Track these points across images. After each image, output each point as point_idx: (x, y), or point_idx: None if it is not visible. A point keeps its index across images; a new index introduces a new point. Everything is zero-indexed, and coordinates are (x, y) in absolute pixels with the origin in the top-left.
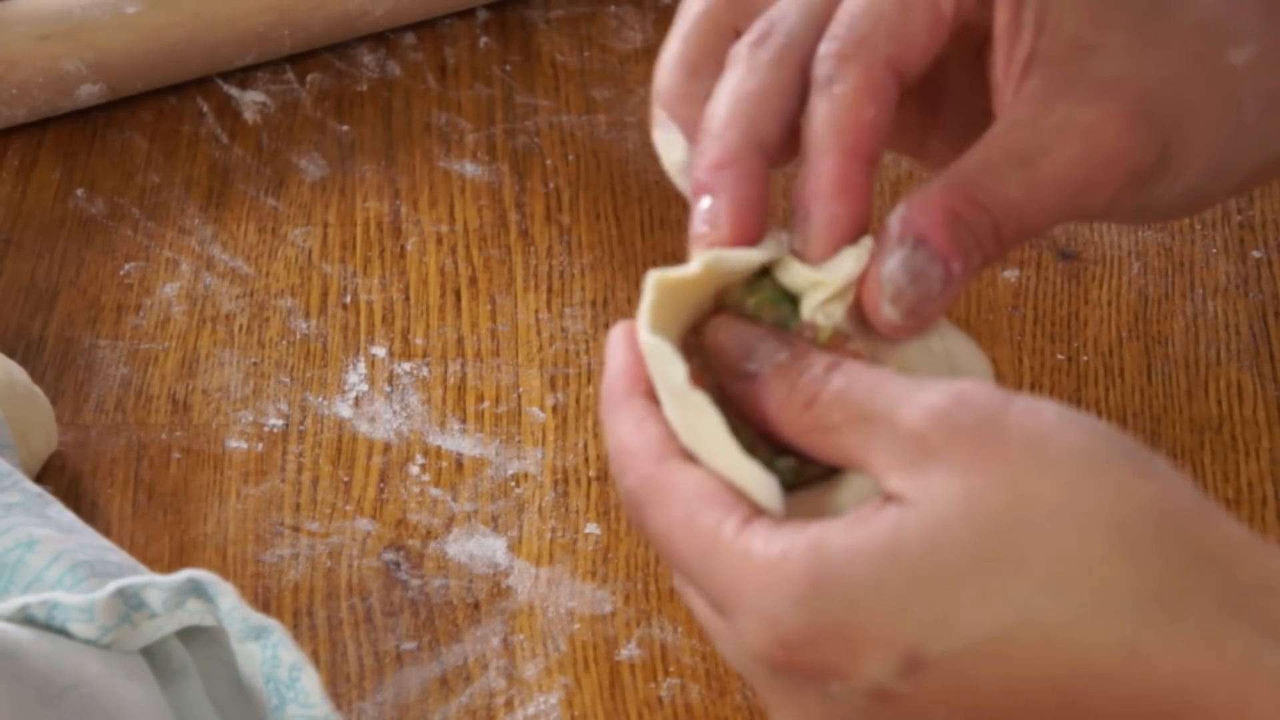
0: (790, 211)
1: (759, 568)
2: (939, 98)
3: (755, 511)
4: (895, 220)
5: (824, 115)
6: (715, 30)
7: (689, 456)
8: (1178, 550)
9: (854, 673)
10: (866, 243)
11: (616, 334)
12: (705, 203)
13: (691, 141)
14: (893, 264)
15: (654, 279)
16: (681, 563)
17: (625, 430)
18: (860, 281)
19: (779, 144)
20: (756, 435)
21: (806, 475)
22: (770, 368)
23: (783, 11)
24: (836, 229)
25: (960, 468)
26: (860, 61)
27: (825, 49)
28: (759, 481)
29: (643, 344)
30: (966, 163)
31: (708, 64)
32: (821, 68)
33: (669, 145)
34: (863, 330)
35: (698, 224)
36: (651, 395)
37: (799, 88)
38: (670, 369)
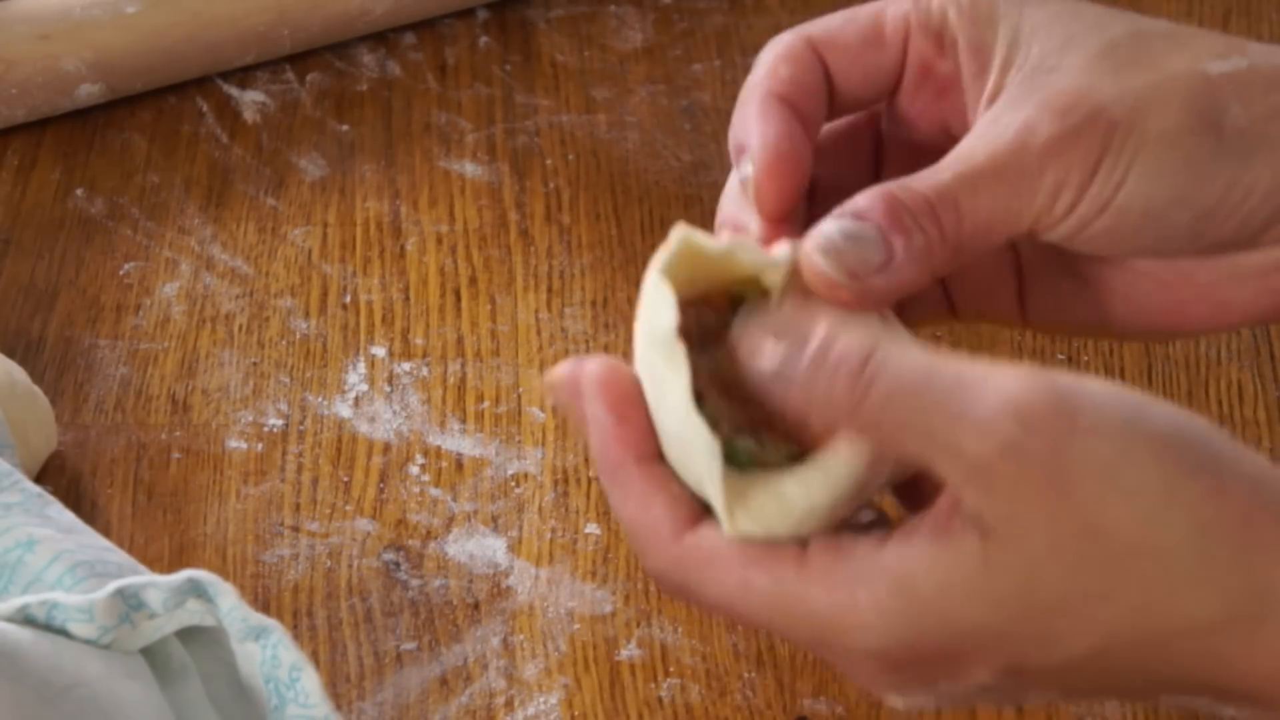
0: (733, 160)
1: (848, 608)
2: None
3: (798, 553)
4: (836, 209)
5: (748, 82)
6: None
7: (699, 520)
8: (1255, 571)
9: (960, 679)
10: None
11: (591, 384)
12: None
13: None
14: (827, 224)
15: (683, 234)
16: (755, 620)
17: (631, 509)
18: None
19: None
20: (722, 411)
21: (762, 459)
22: (800, 370)
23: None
24: (772, 150)
25: (1037, 507)
26: (780, 40)
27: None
28: (704, 441)
29: (650, 280)
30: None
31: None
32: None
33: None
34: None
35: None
36: (643, 458)
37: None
38: (662, 314)
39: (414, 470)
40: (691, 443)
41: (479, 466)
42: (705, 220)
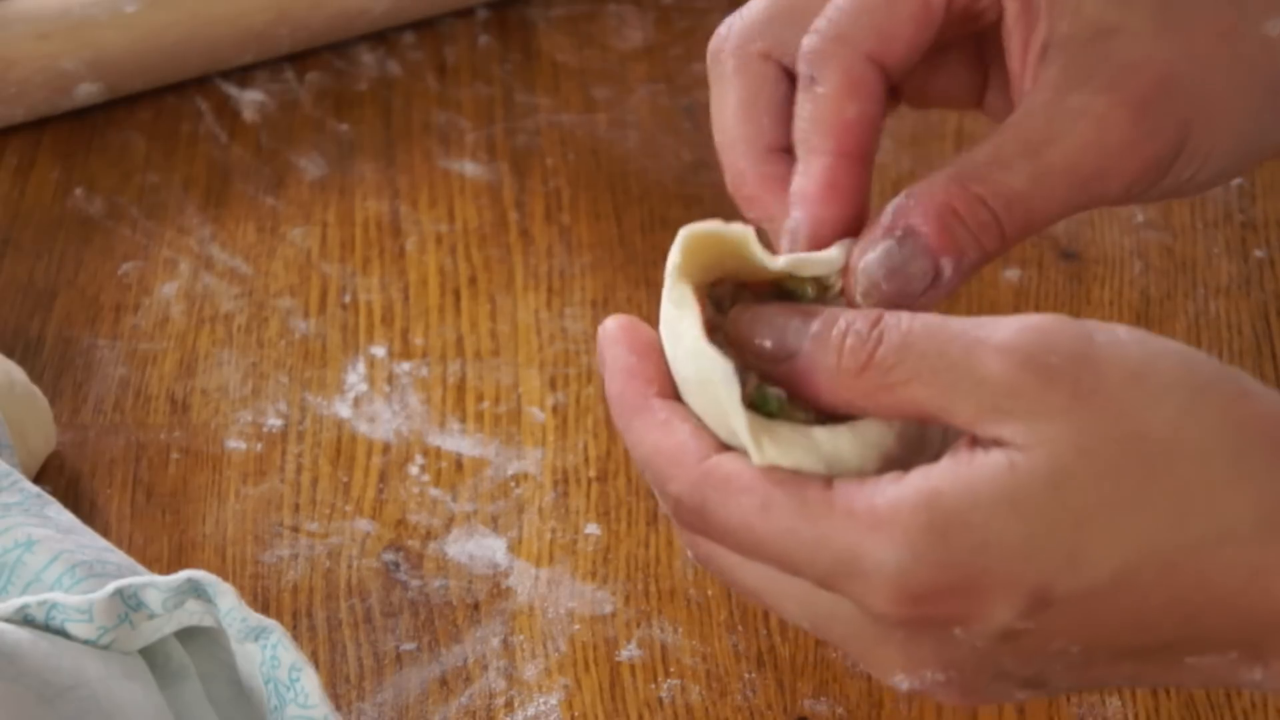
0: (790, 203)
1: (871, 523)
2: (983, 58)
3: (823, 479)
4: (889, 210)
5: (808, 116)
6: (759, 84)
7: (720, 449)
8: None
9: (980, 617)
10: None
11: (612, 331)
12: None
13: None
14: (872, 257)
15: (690, 331)
16: (771, 548)
17: (654, 437)
18: (843, 271)
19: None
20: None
21: (792, 415)
22: (808, 340)
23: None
24: (823, 230)
25: (1065, 412)
26: (839, 59)
27: (806, 44)
28: (720, 368)
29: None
30: (976, 154)
31: (776, 133)
32: (801, 66)
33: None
34: None
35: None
36: (667, 393)
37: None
38: (670, 258)
39: (414, 470)
40: (709, 375)
41: (479, 467)
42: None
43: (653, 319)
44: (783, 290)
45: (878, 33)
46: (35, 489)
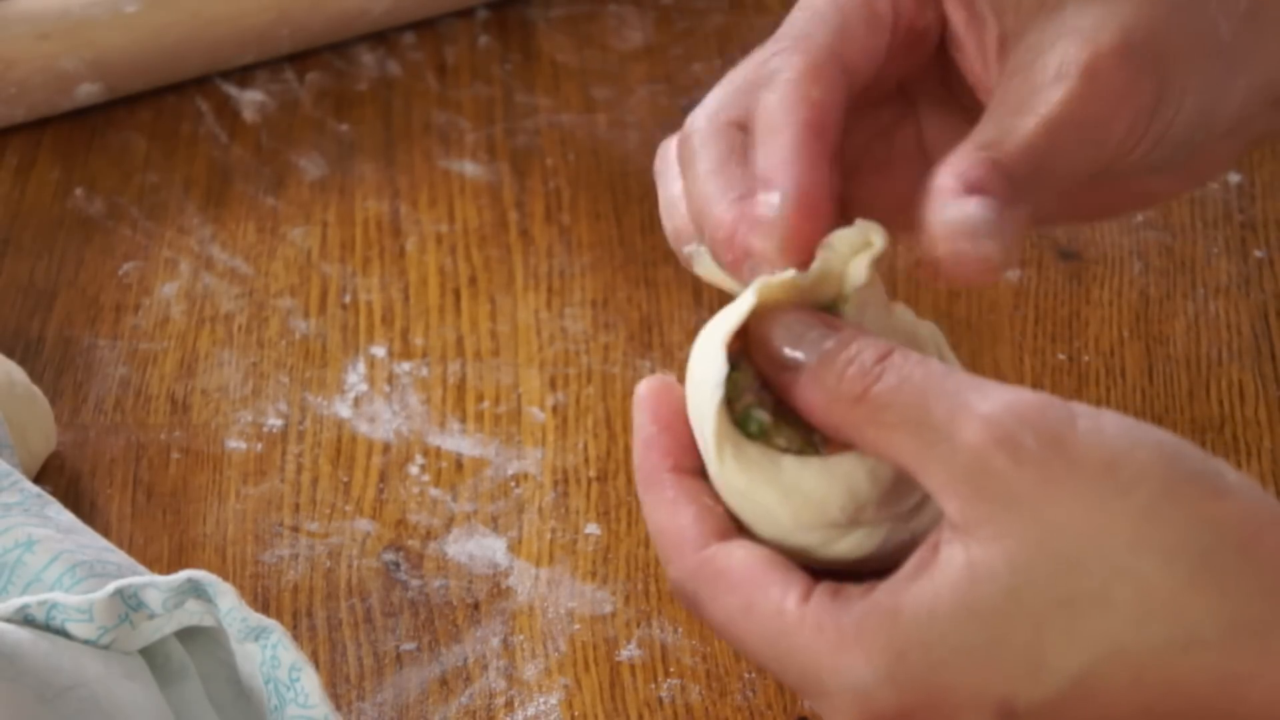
0: (761, 192)
1: (835, 644)
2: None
3: (810, 583)
4: (946, 178)
5: (771, 100)
6: (730, 147)
7: (727, 536)
8: (1263, 573)
9: None
10: (866, 225)
11: (642, 396)
12: (773, 197)
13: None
14: (968, 207)
15: (716, 335)
16: (751, 651)
17: (661, 515)
18: (924, 239)
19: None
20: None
21: (775, 440)
22: (816, 356)
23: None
24: (803, 196)
25: (1030, 501)
26: (801, 50)
27: (768, 51)
28: (714, 370)
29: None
30: (981, 128)
31: (751, 183)
32: (767, 68)
33: (710, 262)
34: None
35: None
36: (681, 469)
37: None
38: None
39: (414, 470)
40: (704, 376)
41: (479, 467)
42: None
43: (652, 318)
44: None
45: (836, 31)
46: (35, 489)
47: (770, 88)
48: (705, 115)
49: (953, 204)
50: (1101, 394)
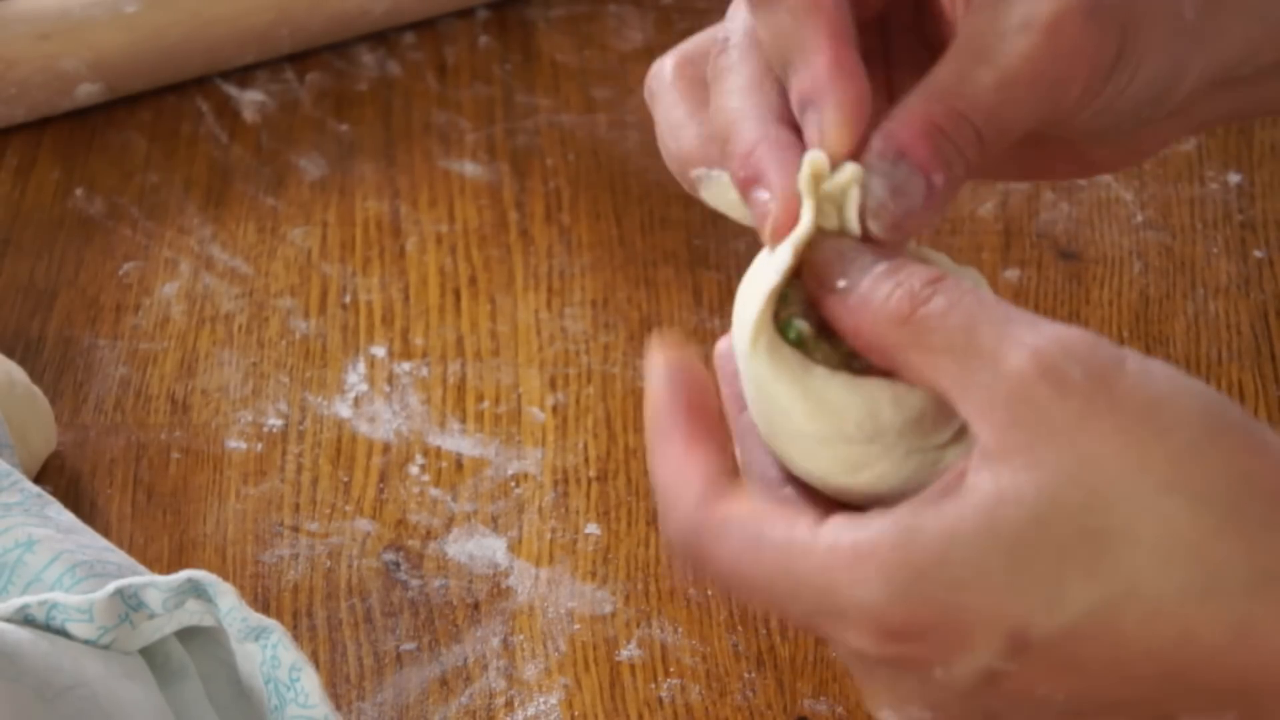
0: (799, 112)
1: (851, 560)
2: (887, 62)
3: (821, 515)
4: (878, 136)
5: (788, 21)
6: (765, 65)
7: (734, 491)
8: None
9: (959, 659)
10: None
11: (660, 352)
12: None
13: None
14: (875, 184)
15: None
16: (762, 587)
17: (661, 475)
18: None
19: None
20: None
21: (812, 350)
22: (869, 277)
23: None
24: (852, 111)
25: (1067, 432)
26: None
27: None
28: (774, 265)
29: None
30: (939, 73)
31: (787, 110)
32: None
33: (721, 187)
34: None
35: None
36: (695, 422)
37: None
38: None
39: (414, 470)
40: (759, 271)
41: (479, 466)
42: (705, 220)
43: (652, 318)
44: None
45: None
46: (36, 489)
47: (781, 5)
48: (740, 30)
49: (878, 170)
50: None
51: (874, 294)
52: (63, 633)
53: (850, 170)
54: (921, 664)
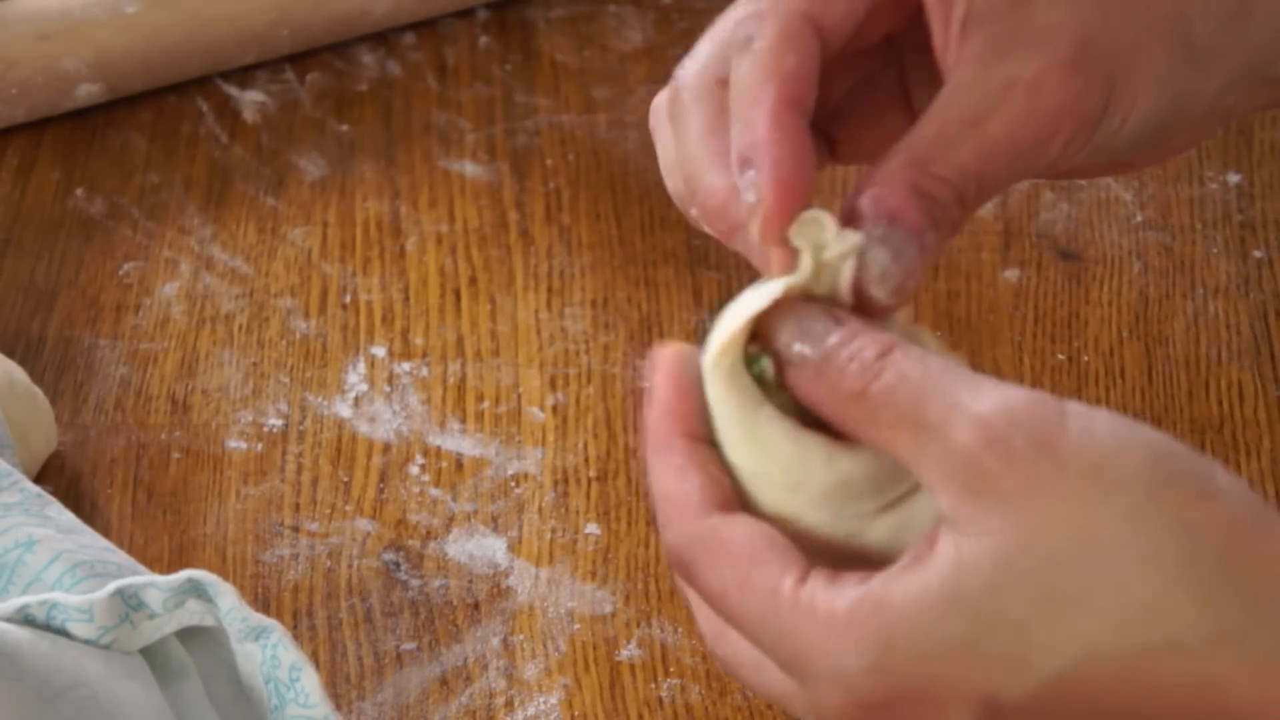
0: (738, 170)
1: (826, 629)
2: (908, 95)
3: (808, 565)
4: (866, 202)
5: (747, 70)
6: (719, 107)
7: (730, 508)
8: (1243, 580)
9: None
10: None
11: (661, 359)
12: (749, 173)
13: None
14: (878, 251)
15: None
16: (742, 623)
17: (667, 479)
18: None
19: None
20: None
21: (770, 390)
22: (820, 352)
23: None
24: (783, 173)
25: (1017, 501)
26: (776, 15)
27: (744, 11)
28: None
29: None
30: (920, 133)
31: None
32: (740, 31)
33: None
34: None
35: (745, 192)
36: (693, 436)
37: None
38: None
39: (414, 470)
40: (734, 311)
41: (479, 466)
42: None
43: (652, 318)
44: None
45: None
46: (36, 489)
47: (744, 55)
48: (694, 71)
49: (876, 237)
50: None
51: (829, 369)
52: (63, 633)
53: (852, 241)
54: None
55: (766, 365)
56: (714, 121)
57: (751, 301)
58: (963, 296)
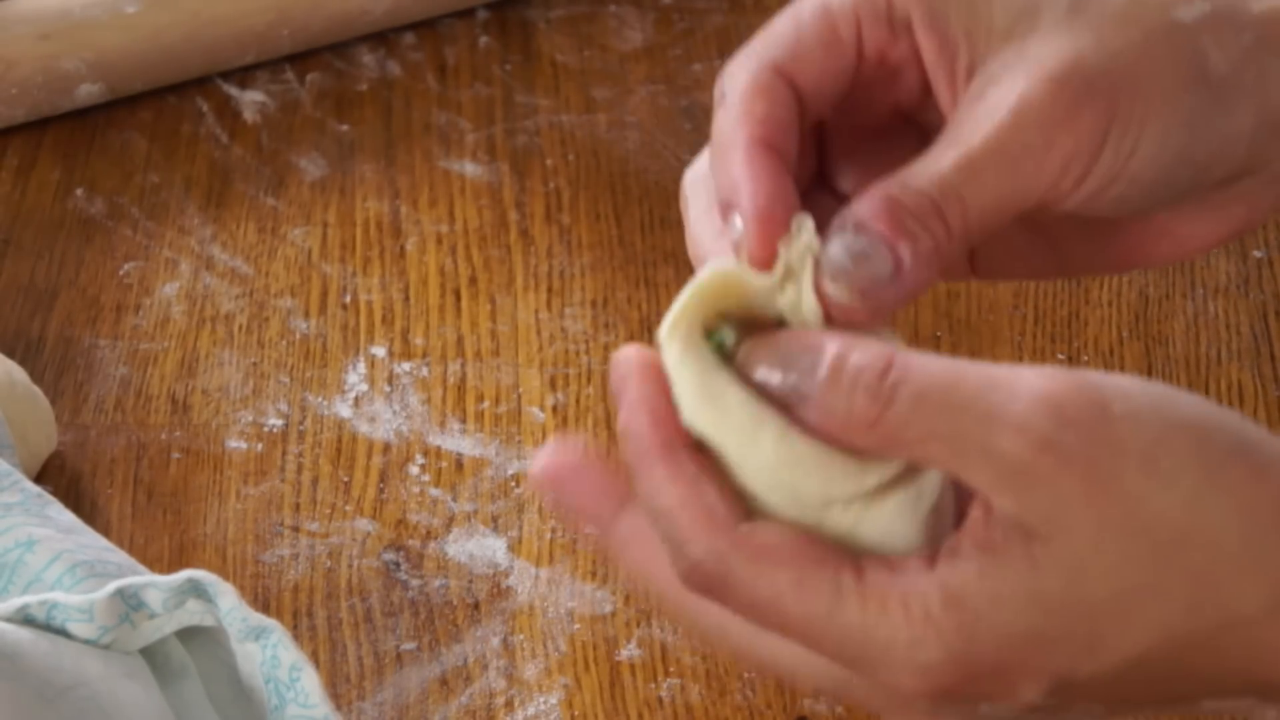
0: (722, 222)
1: (904, 621)
2: None
3: (858, 561)
4: (836, 218)
5: (720, 122)
6: None
7: (751, 517)
8: None
9: (1007, 698)
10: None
11: (635, 361)
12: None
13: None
14: (833, 247)
15: (720, 268)
16: (798, 627)
17: (680, 491)
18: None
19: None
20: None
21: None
22: (818, 387)
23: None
24: (761, 202)
25: (1079, 501)
26: (745, 70)
27: (721, 75)
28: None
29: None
30: (910, 164)
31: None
32: (716, 91)
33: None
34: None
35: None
36: (693, 444)
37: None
38: (676, 310)
39: (414, 470)
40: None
41: (479, 466)
42: None
43: (652, 318)
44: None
45: (784, 50)
46: (36, 489)
47: (718, 112)
48: (698, 157)
49: (834, 237)
50: None
51: (834, 402)
52: (63, 633)
53: (805, 238)
54: (968, 701)
55: (726, 336)
56: (712, 200)
57: (702, 274)
58: (963, 296)
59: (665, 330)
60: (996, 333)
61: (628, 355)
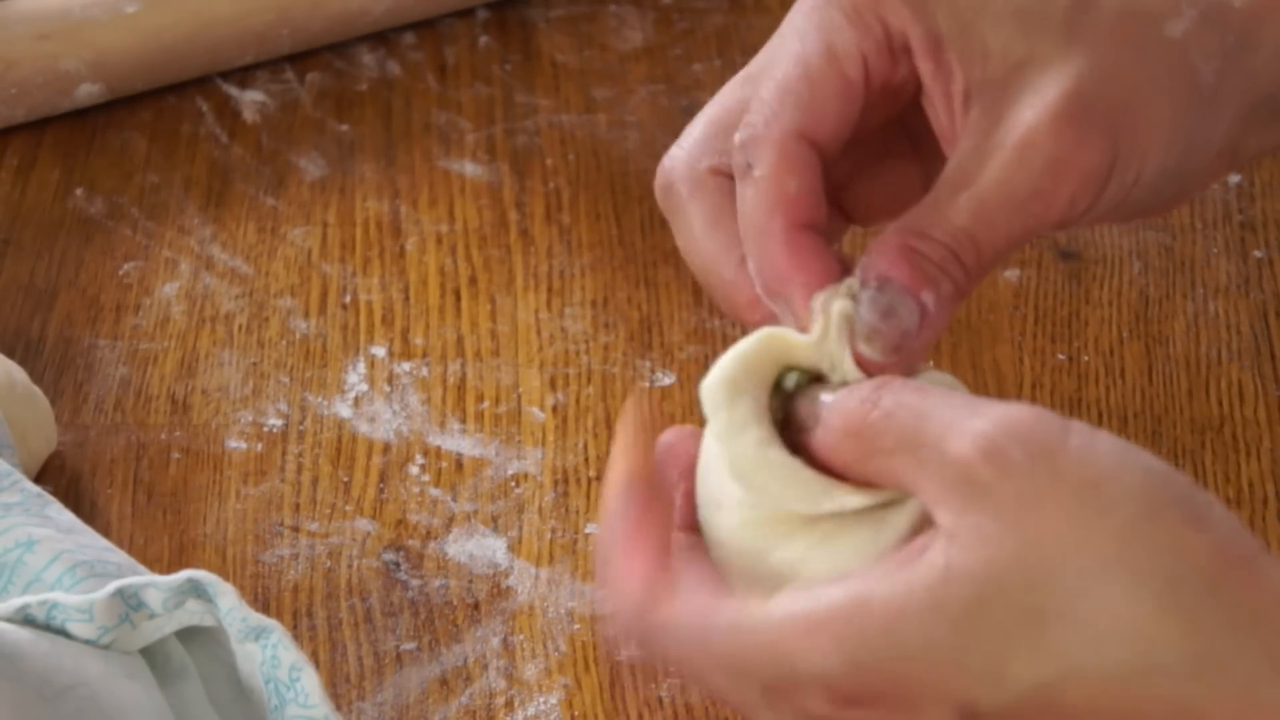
0: (766, 296)
1: (806, 629)
2: (920, 156)
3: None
4: (856, 270)
5: (752, 199)
6: (719, 200)
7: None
8: (1228, 608)
9: None
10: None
11: (638, 421)
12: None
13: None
14: (862, 309)
15: (768, 333)
16: (716, 674)
17: (611, 575)
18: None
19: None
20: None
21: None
22: (826, 407)
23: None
24: (810, 297)
25: (1010, 511)
26: (771, 140)
27: (738, 138)
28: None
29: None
30: (919, 207)
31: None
32: (738, 157)
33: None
34: None
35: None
36: (639, 521)
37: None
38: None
39: (414, 470)
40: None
41: (479, 466)
42: None
43: (652, 318)
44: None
45: (804, 111)
46: (36, 489)
47: (745, 183)
48: (684, 162)
49: (863, 296)
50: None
51: (832, 416)
52: (63, 633)
53: (838, 306)
54: None
55: (788, 380)
56: (715, 214)
57: (749, 341)
58: None
59: (708, 383)
60: (996, 333)
61: (631, 409)
